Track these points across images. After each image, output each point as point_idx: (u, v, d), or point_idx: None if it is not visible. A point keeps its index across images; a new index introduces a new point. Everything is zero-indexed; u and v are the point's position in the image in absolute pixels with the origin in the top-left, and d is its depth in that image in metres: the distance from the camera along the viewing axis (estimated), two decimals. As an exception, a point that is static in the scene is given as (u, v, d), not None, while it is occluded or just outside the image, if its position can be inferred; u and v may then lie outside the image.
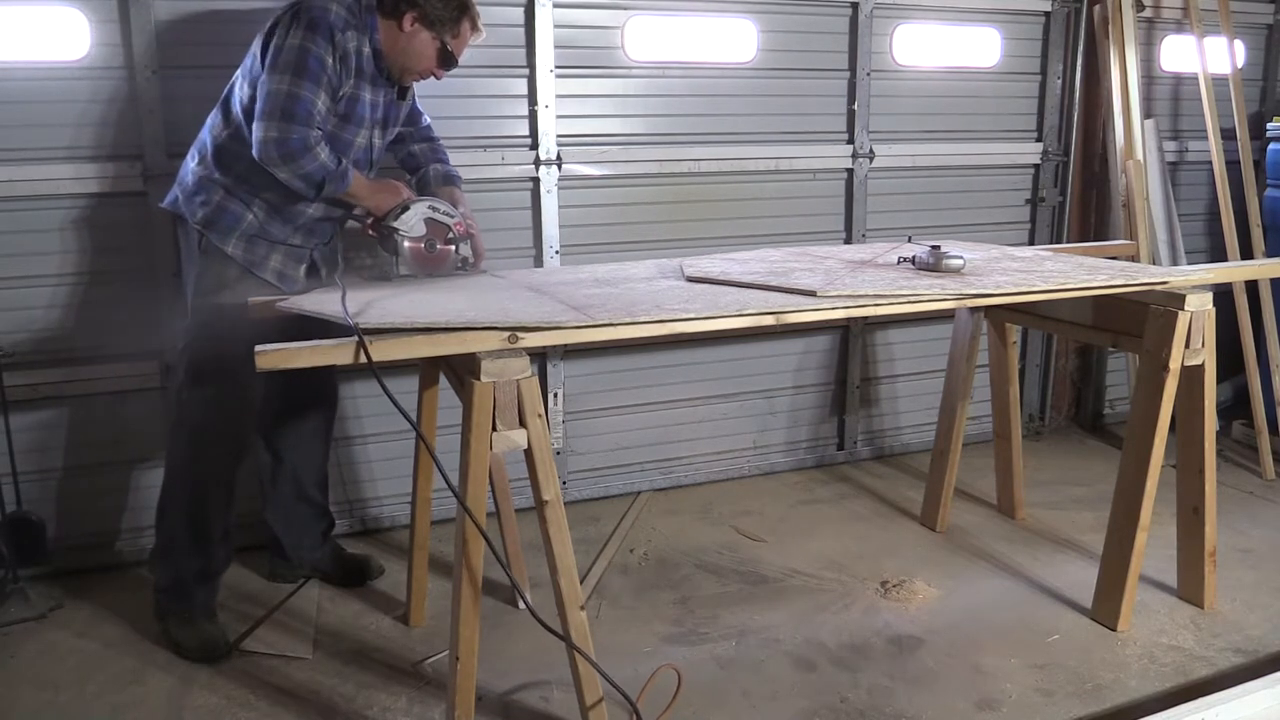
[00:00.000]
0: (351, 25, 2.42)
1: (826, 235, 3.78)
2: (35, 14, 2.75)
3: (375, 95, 2.57)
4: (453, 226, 2.62)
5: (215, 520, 2.58)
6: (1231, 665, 2.48)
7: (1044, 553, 3.13)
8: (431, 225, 2.60)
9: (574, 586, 2.07)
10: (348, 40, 2.41)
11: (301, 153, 2.34)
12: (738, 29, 3.50)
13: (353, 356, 1.88)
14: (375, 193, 2.57)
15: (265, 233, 2.53)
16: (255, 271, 2.54)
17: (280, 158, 2.34)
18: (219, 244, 2.51)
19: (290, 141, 2.33)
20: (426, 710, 2.32)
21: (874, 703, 2.34)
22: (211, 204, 2.50)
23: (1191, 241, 4.30)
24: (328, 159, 2.40)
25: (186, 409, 2.55)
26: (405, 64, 2.55)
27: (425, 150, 2.82)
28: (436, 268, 2.61)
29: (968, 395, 3.25)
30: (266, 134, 2.33)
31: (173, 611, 2.58)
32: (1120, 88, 3.91)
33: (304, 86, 2.34)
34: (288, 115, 2.32)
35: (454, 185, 2.79)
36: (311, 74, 2.35)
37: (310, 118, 2.35)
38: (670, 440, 3.71)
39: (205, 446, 2.54)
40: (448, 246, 2.62)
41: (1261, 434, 3.87)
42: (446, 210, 2.62)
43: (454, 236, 2.62)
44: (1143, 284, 2.52)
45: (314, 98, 2.36)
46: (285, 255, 2.59)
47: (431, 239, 2.60)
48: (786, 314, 2.18)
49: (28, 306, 2.87)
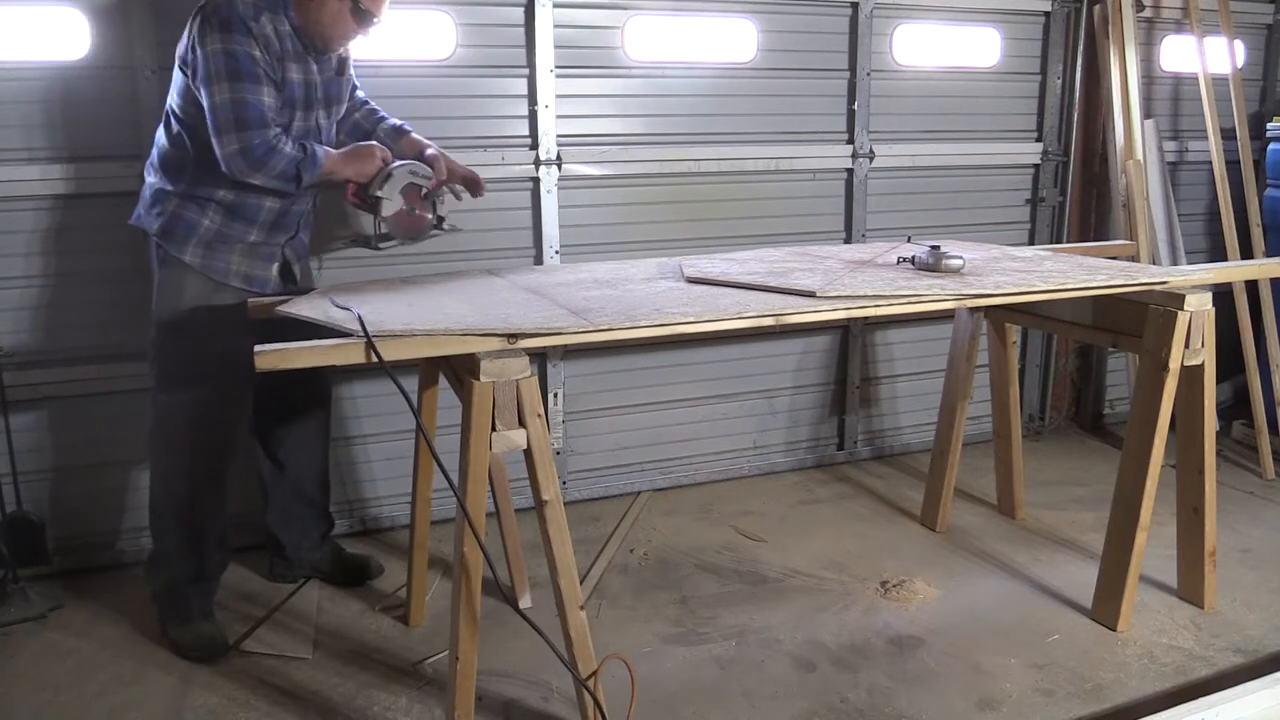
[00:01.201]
0: (262, 10, 2.37)
1: (826, 235, 3.78)
2: (35, 14, 2.75)
3: (307, 74, 2.50)
4: (427, 186, 2.60)
5: (206, 524, 2.58)
6: (1231, 665, 2.48)
7: (1044, 553, 3.13)
8: (409, 190, 2.58)
9: (574, 586, 2.07)
10: (263, 25, 2.35)
11: (268, 155, 2.34)
12: (738, 29, 3.50)
13: (351, 357, 1.88)
14: (352, 161, 2.53)
15: (225, 235, 2.50)
16: (215, 278, 2.50)
17: (249, 167, 2.34)
18: (176, 254, 2.48)
19: (255, 150, 2.32)
20: (426, 710, 2.32)
21: (874, 703, 2.34)
22: (166, 214, 2.48)
23: (1191, 241, 4.30)
24: (294, 150, 2.38)
25: (160, 417, 2.55)
26: (326, 33, 2.47)
27: (366, 115, 2.78)
28: (417, 230, 2.62)
29: (968, 395, 3.25)
30: (228, 149, 2.32)
31: (170, 614, 2.59)
32: (1120, 88, 3.91)
33: (245, 89, 2.31)
34: (242, 123, 2.31)
35: (406, 133, 2.74)
36: (247, 74, 2.32)
37: (264, 119, 2.34)
38: (670, 440, 3.71)
39: (184, 453, 2.53)
40: (425, 208, 2.63)
41: (1261, 434, 3.87)
42: (424, 172, 2.60)
43: (428, 194, 2.61)
44: (1142, 284, 2.52)
45: (259, 97, 2.33)
46: (250, 256, 2.55)
47: (412, 204, 2.59)
48: (786, 315, 2.18)
49: (28, 306, 2.88)
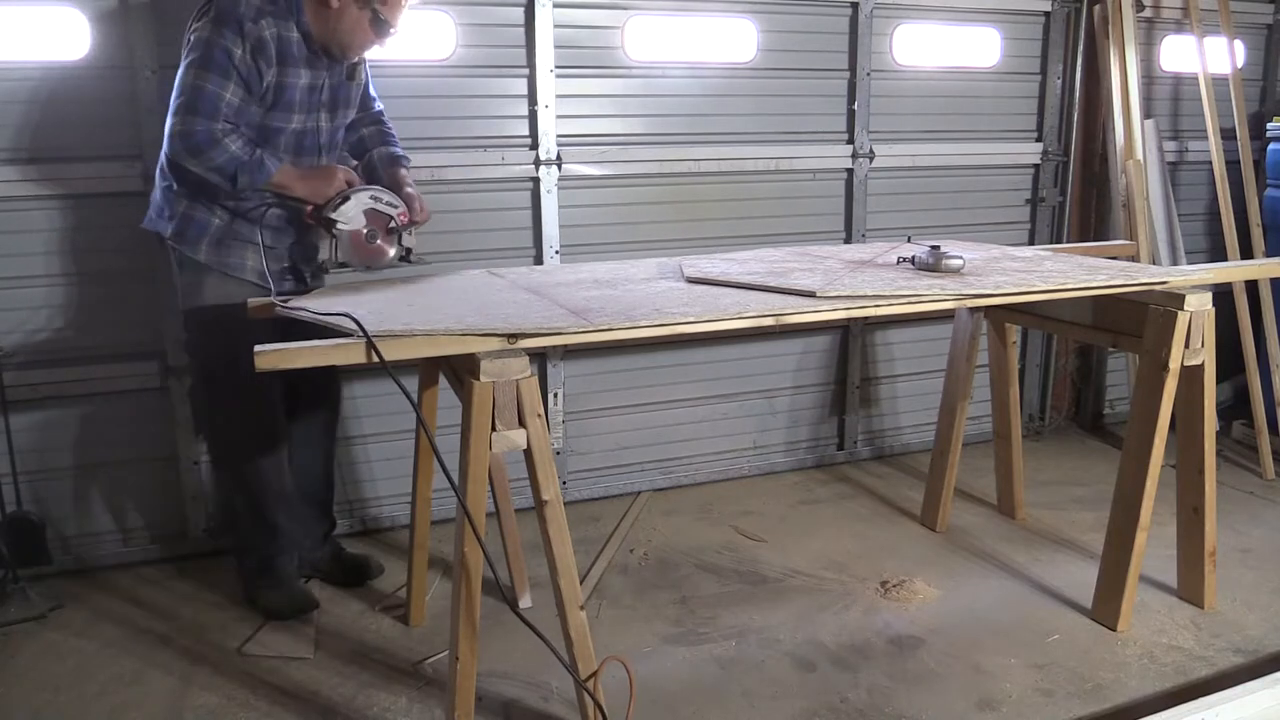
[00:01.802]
0: (267, 13, 2.36)
1: (826, 235, 3.78)
2: (35, 14, 2.75)
3: (314, 78, 2.51)
4: (395, 217, 2.57)
5: (273, 502, 2.69)
6: (1231, 665, 2.48)
7: (1044, 553, 3.12)
8: (373, 215, 2.54)
9: (574, 586, 2.07)
10: (262, 28, 2.35)
11: (208, 145, 2.33)
12: (738, 29, 3.50)
13: (351, 357, 1.88)
14: (308, 180, 2.51)
15: (235, 233, 2.53)
16: (232, 274, 2.53)
17: (186, 150, 2.35)
18: (191, 254, 2.52)
19: (195, 135, 2.32)
20: (426, 710, 2.32)
21: (874, 703, 2.34)
22: (178, 215, 2.51)
23: (1191, 241, 4.30)
24: (239, 150, 2.37)
25: (210, 415, 2.70)
26: (344, 41, 2.48)
27: (373, 134, 2.78)
28: (376, 259, 2.57)
29: (968, 395, 3.25)
30: (173, 129, 2.34)
31: (262, 584, 2.75)
32: (1120, 88, 3.91)
33: (209, 79, 2.32)
34: (191, 109, 2.32)
35: (400, 165, 2.74)
36: (217, 66, 2.32)
37: (215, 111, 2.34)
38: (670, 440, 3.71)
39: (237, 444, 2.66)
40: (389, 239, 2.57)
41: (1261, 434, 3.87)
42: (390, 200, 2.56)
43: (395, 226, 2.57)
44: (1142, 284, 2.52)
45: (220, 90, 2.33)
46: (261, 255, 2.55)
47: (374, 229, 2.54)
48: (786, 315, 2.17)
49: (28, 306, 2.88)
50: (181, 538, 3.12)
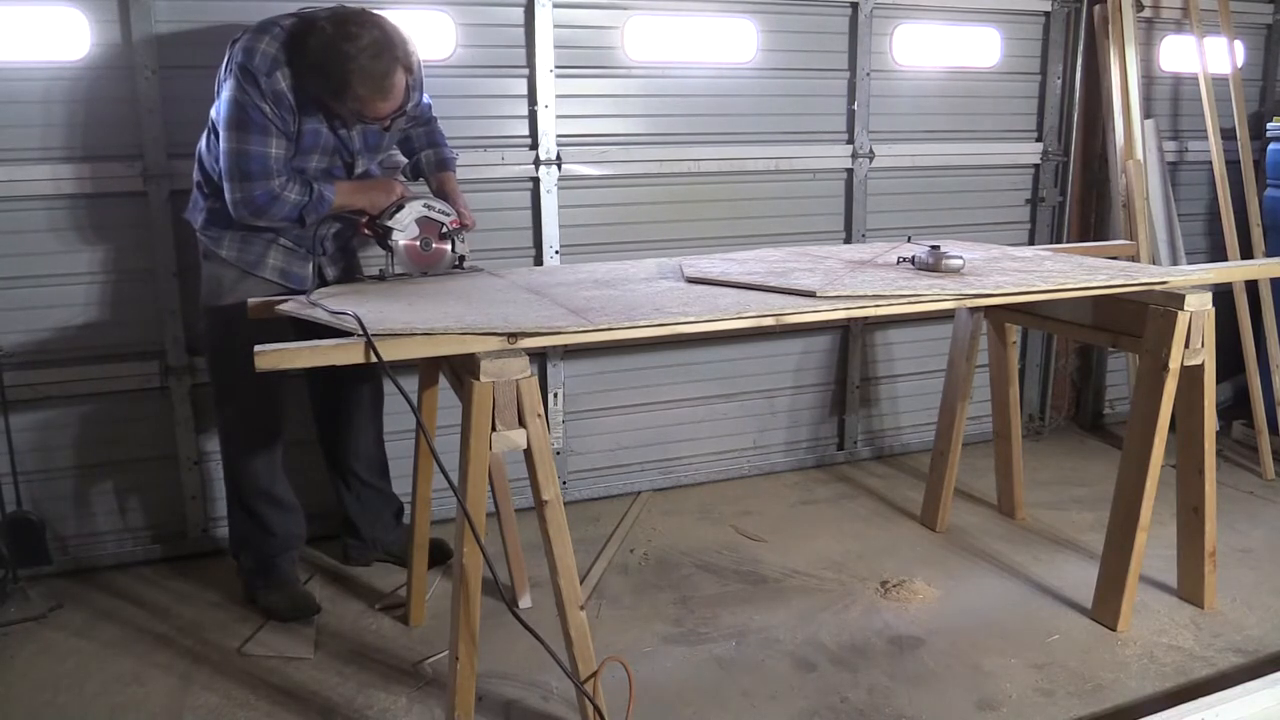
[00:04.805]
0: (281, 63, 2.34)
1: (826, 235, 3.78)
2: (35, 14, 2.74)
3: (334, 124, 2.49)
4: (447, 224, 2.62)
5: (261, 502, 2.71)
6: (1231, 665, 2.48)
7: (1044, 553, 3.12)
8: (425, 224, 2.60)
9: (574, 586, 2.07)
10: (276, 82, 2.33)
11: (270, 204, 2.39)
12: (738, 29, 3.50)
13: (351, 357, 1.88)
14: (366, 192, 2.57)
15: (256, 229, 2.54)
16: (254, 272, 2.57)
17: (252, 215, 2.41)
18: (215, 248, 2.57)
19: (255, 200, 2.38)
20: (426, 710, 2.32)
21: (874, 703, 2.34)
22: (206, 210, 2.56)
23: (1191, 241, 4.30)
24: (298, 196, 2.42)
25: (215, 406, 2.72)
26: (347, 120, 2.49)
27: (421, 135, 2.80)
28: (432, 265, 2.63)
29: (968, 395, 3.25)
30: (233, 196, 2.39)
31: (263, 584, 2.75)
32: (1120, 88, 3.91)
33: (250, 141, 2.35)
34: (245, 175, 2.36)
35: (447, 170, 2.78)
36: (255, 125, 2.35)
37: (266, 170, 2.37)
38: (670, 440, 3.71)
39: (234, 440, 2.69)
40: (443, 244, 2.63)
41: (1261, 434, 3.87)
42: (442, 208, 2.63)
43: (448, 232, 2.63)
44: (1142, 284, 2.52)
45: (264, 149, 2.36)
46: (285, 253, 2.60)
47: (427, 237, 2.60)
48: (786, 315, 2.17)
49: (28, 306, 2.87)
50: (181, 538, 3.12)
